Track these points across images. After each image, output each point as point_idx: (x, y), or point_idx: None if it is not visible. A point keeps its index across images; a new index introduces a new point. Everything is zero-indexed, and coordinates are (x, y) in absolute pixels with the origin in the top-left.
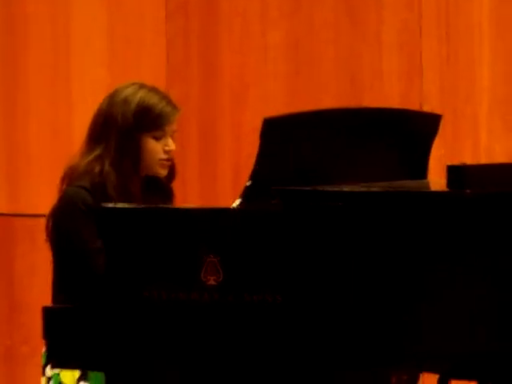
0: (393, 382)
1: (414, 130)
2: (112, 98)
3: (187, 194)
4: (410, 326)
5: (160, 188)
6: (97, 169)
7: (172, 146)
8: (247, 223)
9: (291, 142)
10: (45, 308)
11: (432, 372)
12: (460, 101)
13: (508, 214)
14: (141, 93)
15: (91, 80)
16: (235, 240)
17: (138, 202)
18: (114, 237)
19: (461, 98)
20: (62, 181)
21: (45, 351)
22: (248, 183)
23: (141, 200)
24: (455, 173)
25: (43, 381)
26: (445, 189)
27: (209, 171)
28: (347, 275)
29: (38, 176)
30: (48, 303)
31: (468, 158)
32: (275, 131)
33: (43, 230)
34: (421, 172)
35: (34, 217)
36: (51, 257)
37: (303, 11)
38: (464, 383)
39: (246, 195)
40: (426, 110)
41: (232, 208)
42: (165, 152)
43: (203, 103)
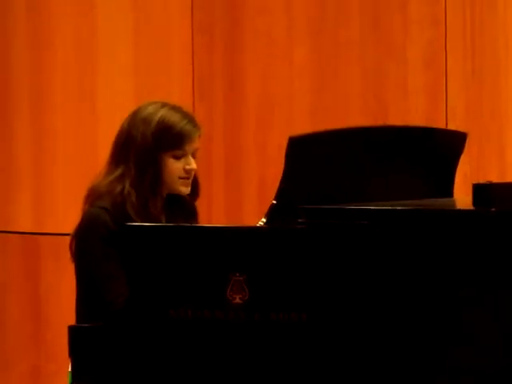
0: None
1: (440, 148)
2: (133, 117)
3: (212, 213)
4: (437, 345)
5: (183, 207)
6: (118, 189)
7: (193, 165)
8: (273, 242)
9: (316, 161)
10: (70, 327)
11: None
12: (485, 118)
13: None
14: (162, 111)
15: (117, 97)
16: (261, 258)
17: (158, 222)
18: (140, 256)
19: (486, 116)
20: (85, 200)
21: (70, 370)
22: (273, 202)
23: (161, 220)
24: (481, 191)
25: None
26: (471, 207)
27: (234, 190)
28: (372, 294)
29: (63, 195)
30: (73, 321)
31: (494, 176)
32: (300, 150)
33: (68, 249)
34: (447, 190)
35: (59, 235)
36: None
37: (328, 29)
38: None
39: (272, 214)
40: (452, 128)
41: (258, 227)
42: (185, 171)
43: (228, 121)
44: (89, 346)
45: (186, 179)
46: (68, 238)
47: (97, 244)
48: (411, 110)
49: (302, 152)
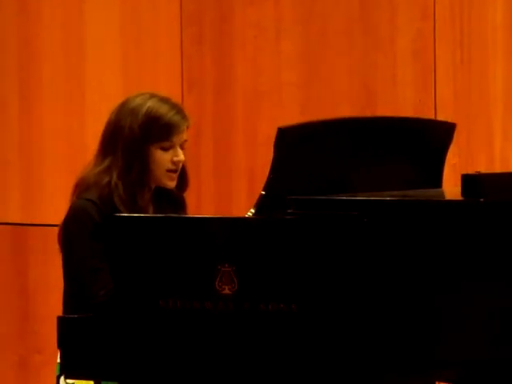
0: None
1: (429, 139)
2: (121, 109)
3: (201, 204)
4: (425, 335)
5: (172, 198)
6: (105, 180)
7: (181, 157)
8: (262, 232)
9: (305, 151)
10: (59, 318)
11: (447, 382)
12: (474, 109)
13: None
14: (149, 103)
15: (105, 90)
16: (250, 249)
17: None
18: (128, 247)
19: (475, 106)
20: (73, 191)
21: (59, 361)
22: (262, 192)
23: (148, 212)
24: (470, 181)
25: None
26: (459, 197)
27: (223, 180)
28: (362, 284)
29: (51, 186)
30: (61, 312)
31: (482, 167)
32: (289, 140)
33: (56, 240)
34: (436, 180)
35: (47, 226)
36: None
37: (316, 20)
38: None
39: (260, 205)
40: (440, 119)
41: (246, 217)
42: (173, 163)
43: (218, 112)
44: (78, 337)
45: (174, 172)
46: (56, 229)
47: (82, 237)
48: (400, 101)
49: (291, 142)
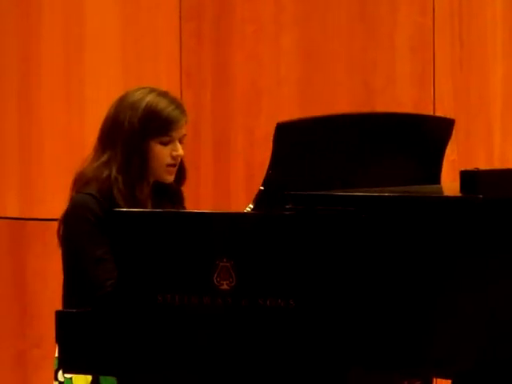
0: None
1: (428, 135)
2: (120, 103)
3: (200, 199)
4: (423, 331)
5: (170, 193)
6: (104, 175)
7: (180, 151)
8: (260, 227)
9: (304, 147)
10: (58, 312)
11: (445, 378)
12: (473, 105)
13: None
14: (149, 97)
15: (104, 85)
16: (248, 244)
17: (144, 208)
18: (127, 241)
19: (474, 103)
20: (72, 186)
21: (57, 356)
22: (261, 188)
23: (147, 206)
24: (468, 178)
25: None
26: (458, 194)
27: (222, 176)
28: (360, 280)
29: (51, 180)
30: (60, 307)
31: (481, 163)
32: (288, 136)
33: (55, 234)
34: (434, 177)
35: (46, 221)
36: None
37: (316, 16)
38: None
39: (259, 200)
40: (439, 115)
41: (245, 212)
42: (172, 157)
43: (216, 108)
44: (76, 332)
45: (172, 166)
46: (55, 224)
47: (84, 229)
48: (399, 97)
49: (290, 138)
